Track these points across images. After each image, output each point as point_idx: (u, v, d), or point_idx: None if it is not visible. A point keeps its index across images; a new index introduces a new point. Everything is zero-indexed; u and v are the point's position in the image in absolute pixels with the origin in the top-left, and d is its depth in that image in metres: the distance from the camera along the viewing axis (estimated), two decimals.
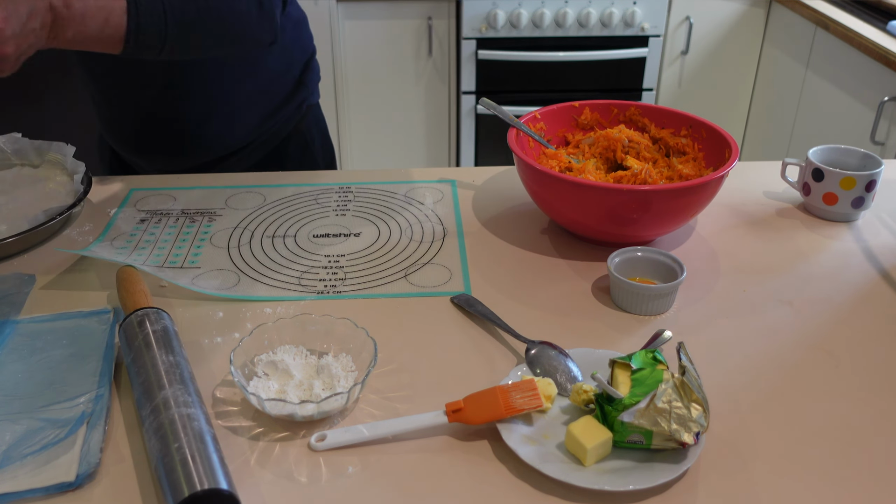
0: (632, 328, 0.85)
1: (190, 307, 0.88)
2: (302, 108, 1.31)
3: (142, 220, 1.06)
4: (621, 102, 1.14)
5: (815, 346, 0.83)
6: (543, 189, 0.97)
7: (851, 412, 0.74)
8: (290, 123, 1.30)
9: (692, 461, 0.65)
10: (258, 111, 1.24)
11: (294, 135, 1.31)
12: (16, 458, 0.66)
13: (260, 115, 1.25)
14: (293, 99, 1.28)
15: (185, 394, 0.68)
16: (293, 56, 1.27)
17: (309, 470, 0.67)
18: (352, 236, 1.02)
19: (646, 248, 0.91)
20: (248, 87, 1.21)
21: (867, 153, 1.08)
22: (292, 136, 1.31)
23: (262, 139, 1.28)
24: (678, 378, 0.67)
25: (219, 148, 1.25)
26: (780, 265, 0.97)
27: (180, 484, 0.60)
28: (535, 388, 0.71)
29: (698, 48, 2.81)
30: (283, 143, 1.31)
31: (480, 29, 2.69)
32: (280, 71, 1.25)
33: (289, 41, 1.24)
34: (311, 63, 1.32)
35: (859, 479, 0.67)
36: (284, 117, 1.28)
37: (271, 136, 1.28)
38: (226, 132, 1.23)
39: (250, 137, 1.26)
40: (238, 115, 1.23)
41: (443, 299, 0.90)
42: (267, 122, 1.26)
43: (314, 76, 1.33)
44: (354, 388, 0.71)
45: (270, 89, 1.24)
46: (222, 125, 1.22)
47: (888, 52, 2.07)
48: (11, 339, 0.82)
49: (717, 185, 0.94)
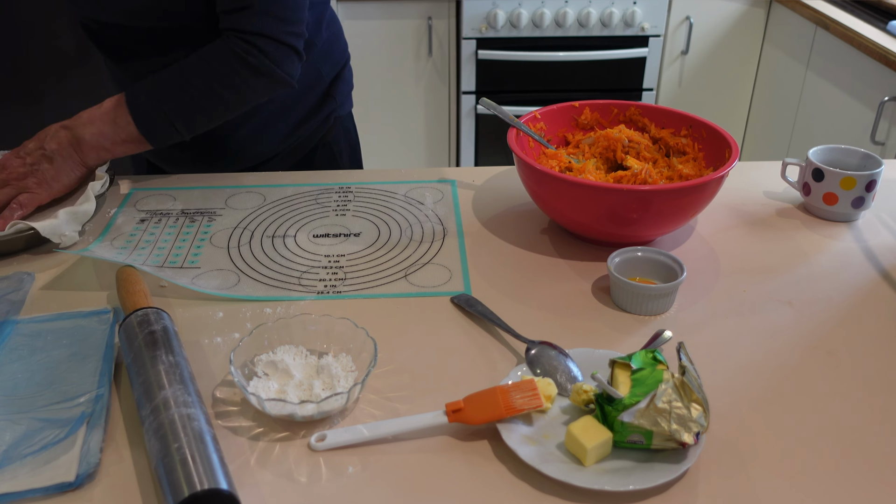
0: (632, 328, 0.85)
1: (190, 307, 0.88)
2: (329, 121, 1.30)
3: (142, 220, 1.06)
4: (621, 102, 1.14)
5: (815, 346, 0.83)
6: (543, 189, 0.97)
7: (851, 412, 0.74)
8: (317, 135, 1.29)
9: (692, 461, 0.65)
10: (283, 125, 1.24)
11: (320, 146, 1.31)
12: (16, 458, 0.66)
13: (287, 127, 1.24)
14: (320, 111, 1.27)
15: (185, 394, 0.68)
16: (322, 71, 1.25)
17: (309, 470, 0.67)
18: (352, 236, 1.02)
19: (646, 248, 0.91)
20: (272, 102, 1.19)
21: (867, 153, 1.08)
22: (318, 147, 1.30)
23: (287, 150, 1.27)
24: (678, 378, 0.67)
25: (246, 159, 1.25)
26: (780, 265, 0.97)
27: (180, 484, 0.60)
28: (535, 388, 0.71)
29: (698, 48, 2.81)
30: (310, 154, 1.30)
31: (480, 29, 2.69)
32: (307, 85, 1.23)
33: (318, 57, 1.23)
34: (342, 73, 1.30)
35: (859, 480, 0.67)
36: (311, 129, 1.27)
37: (298, 147, 1.28)
38: (254, 143, 1.23)
39: (275, 150, 1.26)
40: (266, 127, 1.22)
41: (443, 299, 0.90)
42: (292, 136, 1.25)
43: (345, 88, 1.32)
44: (354, 388, 0.71)
45: (297, 104, 1.23)
46: (250, 137, 1.22)
47: (888, 52, 2.07)
48: (11, 339, 0.82)
49: (717, 185, 0.94)
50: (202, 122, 1.07)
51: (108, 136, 1.03)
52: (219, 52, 1.03)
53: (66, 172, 1.03)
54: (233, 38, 1.03)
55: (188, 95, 1.03)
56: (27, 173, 1.01)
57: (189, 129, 1.06)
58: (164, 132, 1.04)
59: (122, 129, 1.03)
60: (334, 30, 1.29)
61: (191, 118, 1.05)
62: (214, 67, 1.03)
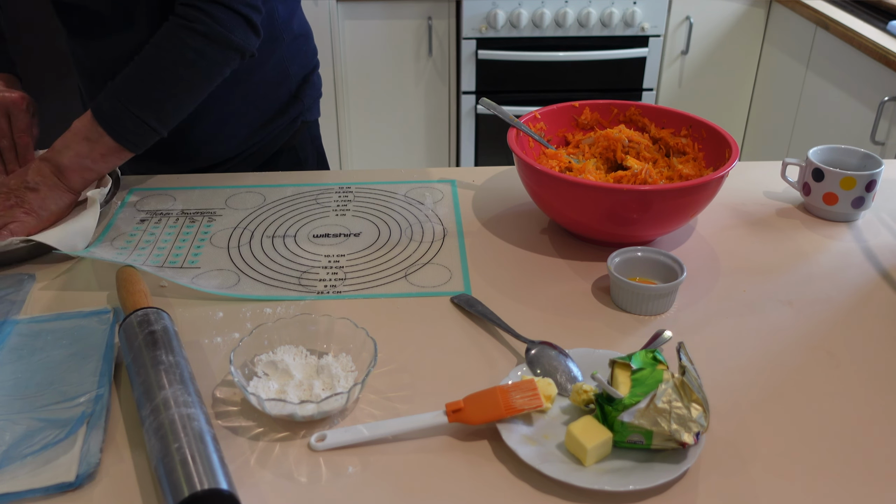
0: (632, 328, 0.85)
1: (190, 307, 0.88)
2: (296, 124, 1.28)
3: (142, 221, 1.06)
4: (621, 102, 1.14)
5: (815, 346, 0.83)
6: (543, 189, 0.97)
7: (851, 412, 0.74)
8: (281, 138, 1.27)
9: (692, 461, 0.65)
10: (248, 121, 1.22)
11: (286, 150, 1.29)
12: (16, 458, 0.66)
13: (249, 126, 1.22)
14: (286, 113, 1.25)
15: (185, 394, 0.68)
16: (289, 70, 1.23)
17: (309, 470, 0.67)
18: (352, 236, 1.02)
19: (646, 248, 0.91)
20: (236, 96, 1.17)
21: (867, 153, 1.08)
22: (284, 151, 1.29)
23: (250, 151, 1.25)
24: (678, 378, 0.67)
25: (203, 158, 1.23)
26: (780, 265, 0.97)
27: (180, 484, 0.60)
28: (535, 388, 0.71)
29: (698, 48, 2.81)
30: (274, 158, 1.28)
31: (480, 29, 2.69)
32: (273, 83, 1.22)
33: (286, 53, 1.21)
34: (310, 78, 1.29)
35: (859, 479, 0.67)
36: (276, 131, 1.25)
37: (261, 149, 1.26)
38: (211, 141, 1.21)
39: (239, 149, 1.24)
40: (225, 124, 1.20)
41: (443, 299, 0.90)
42: (257, 134, 1.24)
43: (313, 92, 1.30)
44: (354, 388, 0.71)
45: (262, 101, 1.22)
46: (207, 134, 1.20)
47: (888, 52, 2.07)
48: (11, 339, 0.82)
49: (717, 185, 0.94)
50: (173, 111, 1.03)
51: (85, 155, 1.00)
52: (166, 32, 1.00)
53: (53, 200, 1.00)
54: (182, 9, 1.00)
55: (148, 87, 1.00)
56: (13, 205, 0.98)
57: (162, 122, 1.02)
58: (138, 133, 1.01)
59: (96, 143, 1.00)
60: (305, 31, 1.28)
61: (160, 109, 1.01)
62: (165, 48, 1.00)
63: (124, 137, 1.01)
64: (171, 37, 1.00)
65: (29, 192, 0.99)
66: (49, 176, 1.00)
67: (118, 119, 1.00)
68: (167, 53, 1.00)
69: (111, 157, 1.02)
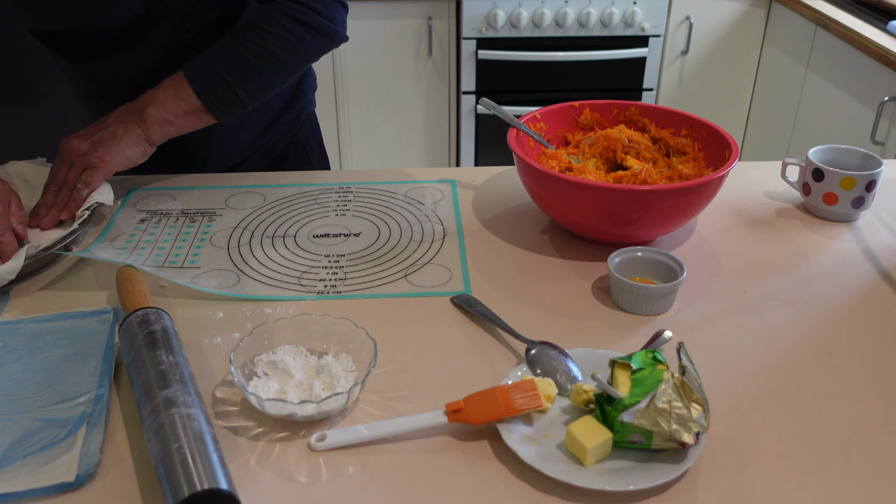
0: (632, 328, 0.85)
1: (190, 307, 0.88)
2: (301, 117, 1.31)
3: (142, 220, 1.06)
4: (621, 102, 1.14)
5: (815, 346, 0.83)
6: (543, 189, 0.97)
7: (851, 412, 0.74)
8: (289, 132, 1.29)
9: (692, 461, 0.65)
10: (259, 121, 1.24)
11: (293, 144, 1.31)
12: (16, 458, 0.66)
13: (261, 125, 1.24)
14: (292, 107, 1.28)
15: (185, 394, 0.68)
16: None
17: (309, 470, 0.67)
18: (352, 236, 1.02)
19: (646, 248, 0.91)
20: None
21: (867, 153, 1.08)
22: (291, 145, 1.31)
23: (263, 149, 1.27)
24: (678, 378, 0.67)
25: (221, 161, 1.25)
26: (780, 265, 0.97)
27: (180, 484, 0.60)
28: (535, 388, 0.71)
29: (698, 48, 2.81)
30: (284, 153, 1.30)
31: (480, 29, 2.69)
32: None
33: None
34: (308, 70, 1.31)
35: (859, 479, 0.67)
36: (284, 126, 1.28)
37: (272, 146, 1.28)
38: (228, 144, 1.23)
39: (251, 149, 1.26)
40: (242, 126, 1.22)
41: (443, 299, 0.90)
42: (267, 132, 1.26)
43: (312, 83, 1.33)
44: (354, 388, 0.71)
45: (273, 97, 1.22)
46: (224, 137, 1.21)
47: (888, 52, 2.07)
48: (11, 339, 0.82)
49: (717, 185, 0.94)
50: (263, 87, 1.07)
51: (170, 109, 1.03)
52: (269, 16, 1.04)
53: (129, 145, 1.01)
54: (281, 1, 1.04)
55: (245, 60, 1.03)
56: (88, 148, 1.00)
57: (250, 96, 1.06)
58: (225, 100, 1.04)
59: (183, 101, 1.03)
60: None
61: (251, 83, 1.05)
62: (267, 30, 1.03)
63: (211, 102, 1.04)
64: (275, 22, 1.04)
65: (107, 134, 1.01)
66: (130, 121, 1.02)
67: (209, 83, 1.03)
68: (269, 35, 1.03)
69: (193, 117, 1.05)
